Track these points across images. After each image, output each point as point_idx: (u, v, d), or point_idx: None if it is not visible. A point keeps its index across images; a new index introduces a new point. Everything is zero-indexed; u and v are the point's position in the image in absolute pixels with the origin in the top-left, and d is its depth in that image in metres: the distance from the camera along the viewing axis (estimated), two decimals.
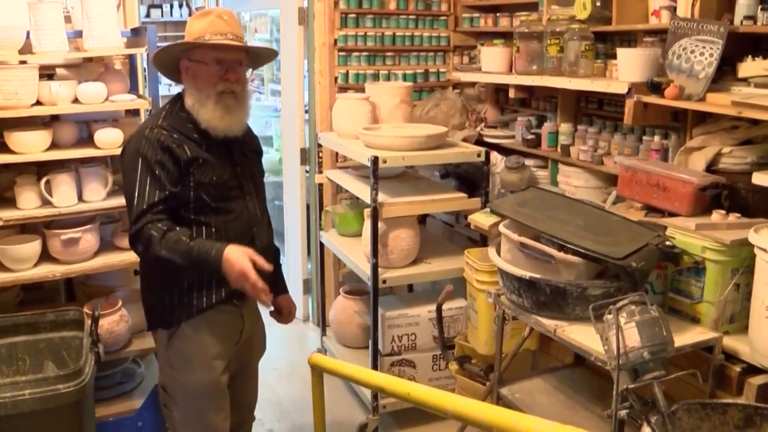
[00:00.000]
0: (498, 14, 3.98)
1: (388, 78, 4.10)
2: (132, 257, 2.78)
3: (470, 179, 3.64)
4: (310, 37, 4.09)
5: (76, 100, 2.94)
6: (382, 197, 3.08)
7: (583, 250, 2.17)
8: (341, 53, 4.04)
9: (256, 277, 2.02)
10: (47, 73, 3.09)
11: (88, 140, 3.07)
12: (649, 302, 1.97)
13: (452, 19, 4.25)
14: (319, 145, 3.82)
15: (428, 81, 4.23)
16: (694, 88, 2.56)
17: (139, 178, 2.12)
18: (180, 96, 2.26)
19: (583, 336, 2.15)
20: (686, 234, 2.33)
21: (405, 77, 4.13)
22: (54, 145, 2.94)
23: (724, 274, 2.25)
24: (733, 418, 1.94)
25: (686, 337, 2.18)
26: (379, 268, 3.12)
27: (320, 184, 3.89)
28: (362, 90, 3.76)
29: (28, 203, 2.87)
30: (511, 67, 3.59)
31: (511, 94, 3.65)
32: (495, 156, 3.47)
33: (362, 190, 3.27)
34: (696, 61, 2.55)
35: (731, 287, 2.26)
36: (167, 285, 2.21)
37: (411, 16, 4.15)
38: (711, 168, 2.53)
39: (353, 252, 3.44)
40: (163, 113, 2.24)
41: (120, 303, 2.96)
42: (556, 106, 3.55)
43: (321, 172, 3.86)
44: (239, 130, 2.26)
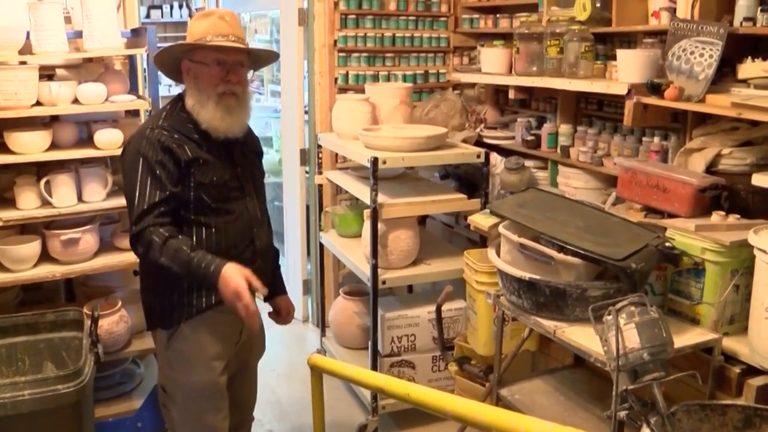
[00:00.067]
0: (498, 15, 3.99)
1: (387, 79, 4.11)
2: (132, 258, 2.78)
3: (470, 180, 3.64)
4: (310, 37, 4.09)
5: (76, 101, 2.94)
6: (381, 198, 3.08)
7: (582, 252, 2.18)
8: (341, 54, 4.04)
9: (250, 300, 2.04)
10: (47, 74, 3.09)
11: (87, 141, 3.07)
12: (648, 303, 1.97)
13: (452, 20, 4.25)
14: (319, 146, 3.82)
15: (428, 82, 4.23)
16: (693, 89, 2.56)
17: (139, 179, 2.12)
18: (181, 96, 2.26)
19: (583, 337, 2.15)
20: (686, 235, 2.33)
21: (405, 78, 4.13)
22: (54, 146, 2.94)
23: (723, 276, 2.25)
24: (732, 420, 1.94)
25: (686, 338, 2.18)
26: (379, 269, 3.12)
27: (320, 185, 3.90)
28: (362, 91, 3.76)
29: (28, 203, 2.87)
30: (511, 68, 3.59)
31: (511, 95, 3.66)
32: (495, 157, 3.46)
33: (362, 191, 3.27)
34: (696, 63, 2.55)
35: (731, 288, 2.26)
36: (167, 285, 2.21)
37: (411, 17, 4.15)
38: (711, 169, 2.53)
39: (353, 253, 3.44)
40: (164, 114, 2.24)
41: (120, 303, 2.96)
42: (556, 107, 3.55)
43: (321, 172, 3.86)
44: (240, 132, 2.26)
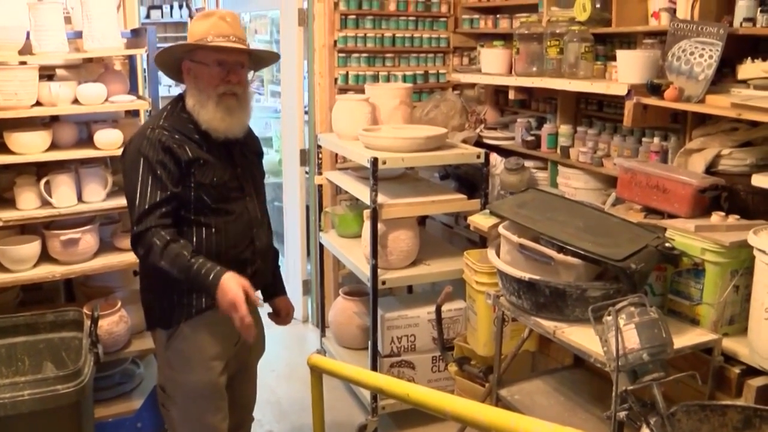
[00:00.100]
0: (498, 16, 3.99)
1: (387, 79, 4.11)
2: (131, 258, 2.78)
3: (470, 181, 3.64)
4: (309, 38, 4.09)
5: (75, 101, 2.94)
6: (381, 198, 3.08)
7: (582, 252, 2.18)
8: (341, 54, 4.04)
9: (245, 312, 2.05)
10: (47, 74, 3.09)
11: (87, 141, 3.07)
12: (648, 304, 1.97)
13: (452, 21, 4.25)
14: (319, 146, 3.82)
15: (428, 82, 4.23)
16: (693, 89, 2.56)
17: (140, 179, 2.12)
18: (181, 97, 2.26)
19: (583, 337, 2.15)
20: (686, 236, 2.33)
21: (405, 78, 4.13)
22: (54, 146, 2.94)
23: (723, 276, 2.25)
24: (732, 420, 1.94)
25: (685, 338, 2.18)
26: (379, 269, 3.12)
27: (320, 185, 3.89)
28: (362, 91, 3.76)
29: (28, 204, 2.87)
30: (511, 68, 3.60)
31: (511, 95, 3.66)
32: (494, 157, 3.46)
33: (362, 192, 3.27)
34: (695, 63, 2.55)
35: (730, 289, 2.26)
36: (167, 286, 2.20)
37: (411, 18, 4.16)
38: (710, 170, 2.53)
39: (353, 253, 3.44)
40: (165, 114, 2.24)
41: (119, 304, 2.95)
42: (556, 107, 3.55)
43: (321, 173, 3.86)
44: (240, 132, 2.26)
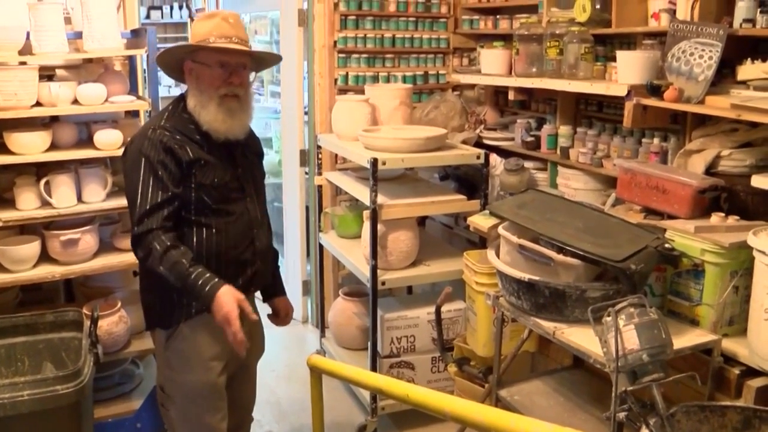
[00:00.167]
0: (498, 16, 3.99)
1: (387, 80, 4.11)
2: (131, 258, 2.77)
3: (469, 181, 3.64)
4: (309, 38, 4.09)
5: (75, 101, 2.94)
6: (381, 199, 3.08)
7: (582, 253, 2.18)
8: (341, 55, 4.05)
9: (238, 328, 2.06)
10: (47, 74, 3.09)
11: (87, 141, 3.07)
12: (648, 304, 1.97)
13: (452, 21, 4.25)
14: (319, 147, 3.82)
15: (428, 83, 4.24)
16: (693, 90, 2.56)
17: (141, 179, 2.12)
18: (182, 97, 2.26)
19: (582, 338, 2.15)
20: (685, 236, 2.33)
21: (405, 79, 4.14)
22: (53, 146, 2.94)
23: (723, 277, 2.25)
24: (731, 421, 1.94)
25: (685, 339, 2.18)
26: (379, 270, 3.12)
27: (320, 186, 3.90)
28: (362, 92, 3.76)
29: (28, 204, 2.87)
30: (511, 69, 3.60)
31: (511, 96, 3.66)
32: (494, 158, 3.46)
33: (361, 192, 3.27)
34: (695, 64, 2.55)
35: (730, 290, 2.26)
36: (166, 286, 2.20)
37: (411, 18, 4.16)
38: (710, 170, 2.53)
39: (352, 254, 3.44)
40: (166, 114, 2.24)
41: (119, 304, 2.95)
42: (556, 108, 3.55)
43: (320, 173, 3.86)
44: (241, 133, 2.26)
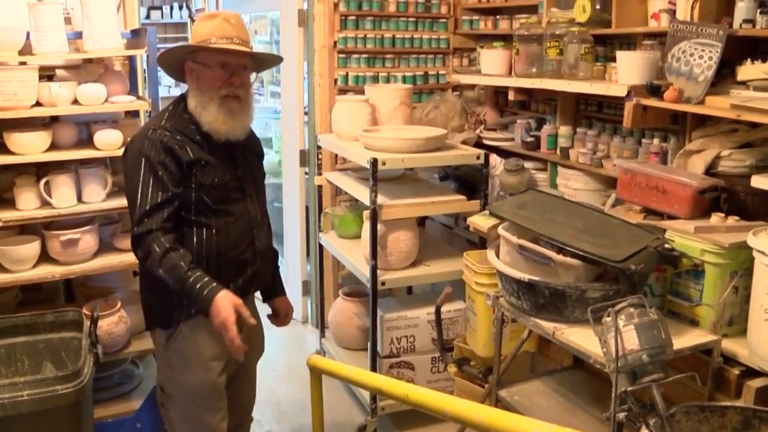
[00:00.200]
0: (498, 17, 3.99)
1: (387, 80, 4.11)
2: (131, 258, 2.77)
3: (469, 181, 3.64)
4: (309, 39, 4.09)
5: (75, 101, 2.94)
6: (381, 199, 3.08)
7: (582, 253, 2.18)
8: (341, 55, 4.05)
9: (235, 334, 2.06)
10: (47, 74, 3.09)
11: (87, 141, 3.07)
12: (647, 305, 1.97)
13: (452, 22, 4.26)
14: (319, 147, 3.82)
15: (428, 83, 4.24)
16: (693, 91, 2.56)
17: (141, 179, 2.13)
18: (183, 97, 2.26)
19: (582, 338, 2.15)
20: (685, 237, 2.33)
21: (405, 79, 4.14)
22: (53, 146, 2.94)
23: (722, 277, 2.25)
24: (731, 421, 1.94)
25: (685, 339, 2.18)
26: (378, 270, 3.12)
27: (319, 186, 3.90)
28: (362, 92, 3.76)
29: (28, 204, 2.87)
30: (511, 69, 3.60)
31: (511, 96, 3.66)
32: (494, 158, 3.47)
33: (361, 192, 3.27)
34: (695, 64, 2.55)
35: (730, 290, 2.26)
36: (166, 286, 2.19)
37: (411, 19, 4.16)
38: (710, 171, 2.53)
39: (352, 254, 3.44)
40: (166, 114, 2.24)
41: (119, 304, 2.95)
42: (556, 108, 3.55)
43: (320, 173, 3.86)
44: (241, 134, 2.26)
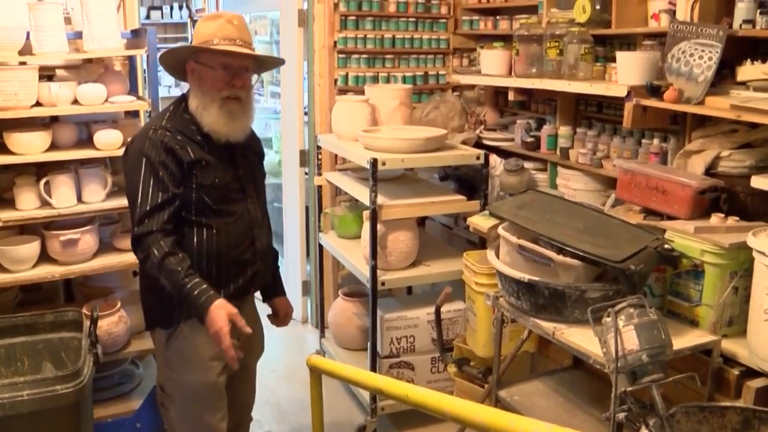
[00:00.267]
0: (498, 17, 3.99)
1: (387, 80, 4.11)
2: (131, 258, 2.78)
3: (469, 182, 3.64)
4: (309, 39, 4.09)
5: (75, 101, 2.94)
6: (381, 199, 3.08)
7: (581, 253, 2.18)
8: (341, 55, 4.05)
9: (229, 345, 2.06)
10: (47, 74, 3.09)
11: (87, 141, 3.07)
12: (647, 305, 1.97)
13: (452, 22, 4.26)
14: (319, 147, 3.82)
15: (428, 83, 4.24)
16: (693, 91, 2.56)
17: (142, 179, 2.13)
18: (184, 97, 2.26)
19: (582, 339, 2.15)
20: (685, 237, 2.33)
21: (404, 79, 4.14)
22: (53, 146, 2.94)
23: (722, 278, 2.25)
24: (731, 421, 1.94)
25: (685, 340, 2.19)
26: (378, 270, 3.12)
27: (319, 186, 3.90)
28: (362, 92, 3.76)
29: (28, 204, 2.87)
30: (511, 69, 3.60)
31: (511, 96, 3.66)
32: (494, 159, 3.47)
33: (361, 192, 3.27)
34: (695, 65, 2.55)
35: (730, 290, 2.26)
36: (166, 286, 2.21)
37: (411, 19, 4.16)
38: (710, 171, 2.53)
39: (352, 254, 3.44)
40: (167, 114, 2.24)
41: (119, 304, 2.95)
42: (556, 109, 3.56)
43: (320, 174, 3.86)
44: (241, 136, 2.26)
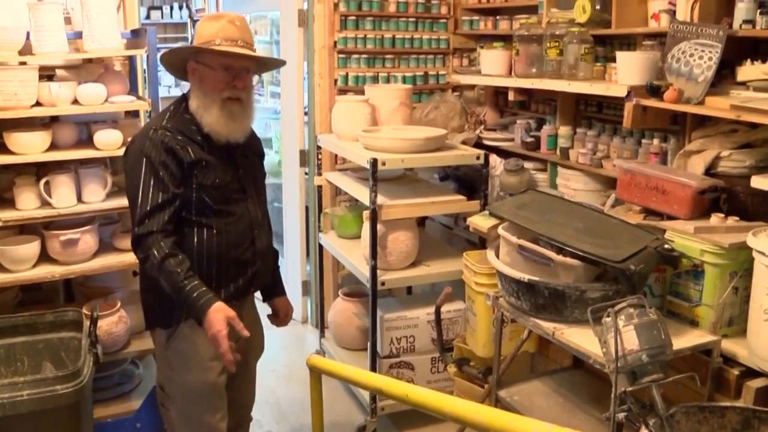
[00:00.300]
0: (498, 17, 3.99)
1: (387, 80, 4.11)
2: (131, 258, 2.78)
3: (469, 182, 3.64)
4: (309, 39, 4.09)
5: (75, 101, 2.94)
6: (381, 199, 3.08)
7: (581, 253, 2.18)
8: (341, 55, 4.05)
9: (226, 348, 2.06)
10: (47, 74, 3.09)
11: (87, 141, 3.07)
12: (647, 305, 1.97)
13: (452, 22, 4.26)
14: (319, 147, 3.82)
15: (428, 83, 4.24)
16: (693, 91, 2.56)
17: (142, 179, 2.13)
18: (185, 97, 2.26)
19: (582, 339, 2.15)
20: (685, 237, 2.33)
21: (404, 80, 4.14)
22: (53, 146, 2.94)
23: (722, 278, 2.25)
24: (731, 421, 1.94)
25: (685, 340, 2.18)
26: (378, 270, 3.12)
27: (319, 186, 3.90)
28: (362, 92, 3.76)
29: (28, 204, 2.87)
30: (511, 69, 3.60)
31: (511, 96, 3.66)
32: (494, 159, 3.47)
33: (361, 192, 3.27)
34: (695, 65, 2.55)
35: (729, 290, 2.26)
36: None
37: (411, 19, 4.16)
38: (710, 171, 2.53)
39: (352, 254, 3.44)
40: (168, 114, 2.24)
41: (119, 304, 2.95)
42: (556, 109, 3.56)
43: (320, 174, 3.86)
44: (241, 137, 2.26)
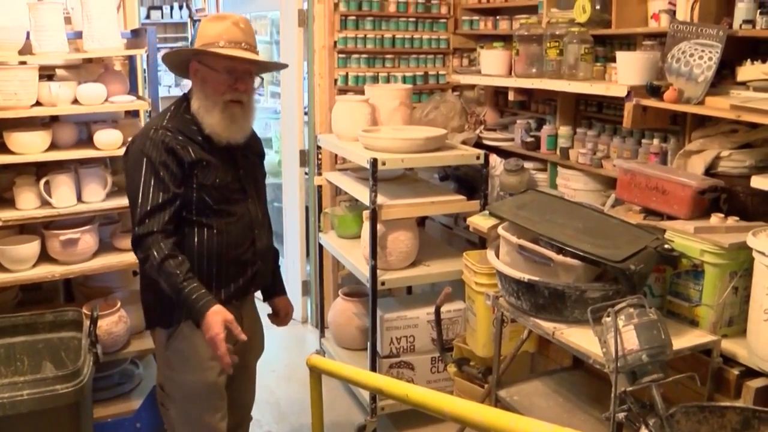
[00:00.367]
0: (498, 17, 3.99)
1: (387, 80, 4.11)
2: (131, 258, 2.78)
3: (469, 182, 3.64)
4: (309, 39, 4.09)
5: (75, 101, 2.94)
6: (381, 199, 3.08)
7: (581, 253, 2.18)
8: (341, 55, 4.05)
9: (224, 351, 2.06)
10: (47, 74, 3.09)
11: (87, 141, 3.07)
12: (647, 305, 1.97)
13: (452, 22, 4.26)
14: (319, 147, 3.82)
15: (428, 83, 4.24)
16: (693, 91, 2.56)
17: (143, 179, 2.13)
18: (185, 97, 2.26)
19: (582, 339, 2.15)
20: (685, 237, 2.33)
21: (404, 79, 4.14)
22: (53, 146, 2.94)
23: (722, 278, 2.25)
24: (731, 421, 1.94)
25: (684, 340, 2.19)
26: (378, 270, 3.12)
27: (319, 186, 3.90)
28: (362, 92, 3.76)
29: (27, 204, 2.87)
30: (511, 69, 3.60)
31: (511, 96, 3.66)
32: (494, 158, 3.47)
33: (361, 192, 3.27)
34: (695, 65, 2.55)
35: (729, 290, 2.26)
36: None
37: (411, 19, 4.16)
38: (710, 171, 2.53)
39: (352, 254, 3.44)
40: (168, 114, 2.23)
41: (119, 304, 2.95)
42: (556, 109, 3.56)
43: (320, 174, 3.86)
44: (242, 138, 2.26)
